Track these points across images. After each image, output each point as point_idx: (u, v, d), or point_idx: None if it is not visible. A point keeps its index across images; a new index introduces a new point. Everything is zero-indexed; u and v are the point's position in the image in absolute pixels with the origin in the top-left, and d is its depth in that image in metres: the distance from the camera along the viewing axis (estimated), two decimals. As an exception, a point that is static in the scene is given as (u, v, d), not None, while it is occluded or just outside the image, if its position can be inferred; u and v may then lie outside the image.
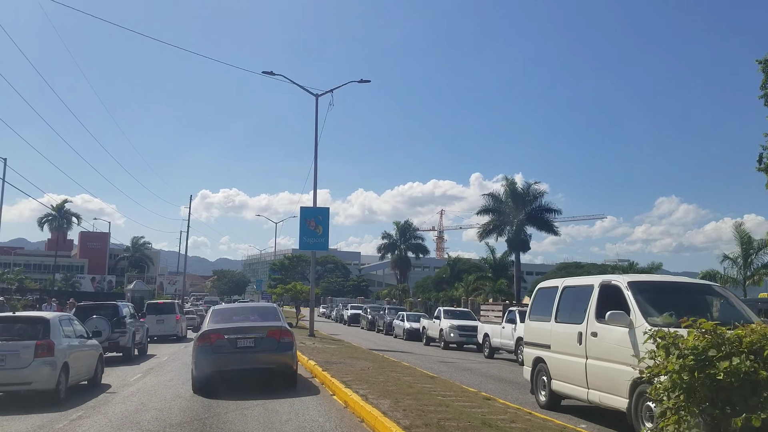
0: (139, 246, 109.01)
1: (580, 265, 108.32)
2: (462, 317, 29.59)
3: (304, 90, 29.19)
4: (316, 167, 28.87)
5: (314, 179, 28.87)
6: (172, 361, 19.92)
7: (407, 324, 35.07)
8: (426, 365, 18.33)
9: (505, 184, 50.29)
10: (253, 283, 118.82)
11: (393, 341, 33.44)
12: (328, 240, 28.95)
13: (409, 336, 34.28)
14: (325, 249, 29.00)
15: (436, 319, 29.81)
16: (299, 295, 40.08)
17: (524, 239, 49.87)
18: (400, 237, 74.63)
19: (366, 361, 16.99)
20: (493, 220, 50.60)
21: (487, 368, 19.40)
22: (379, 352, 22.74)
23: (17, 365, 10.86)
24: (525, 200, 49.83)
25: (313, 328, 28.97)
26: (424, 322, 31.95)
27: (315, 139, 28.75)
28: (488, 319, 24.88)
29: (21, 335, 11.40)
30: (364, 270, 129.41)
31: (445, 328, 28.28)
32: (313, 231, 28.63)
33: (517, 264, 50.38)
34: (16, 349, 10.98)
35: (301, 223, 28.72)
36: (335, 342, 25.96)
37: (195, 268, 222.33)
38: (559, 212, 49.49)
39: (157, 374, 16.23)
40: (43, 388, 11.06)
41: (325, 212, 29.21)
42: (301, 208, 29.01)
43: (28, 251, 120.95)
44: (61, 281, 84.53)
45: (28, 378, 10.94)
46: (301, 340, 25.07)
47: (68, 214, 66.54)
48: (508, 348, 22.58)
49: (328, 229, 28.98)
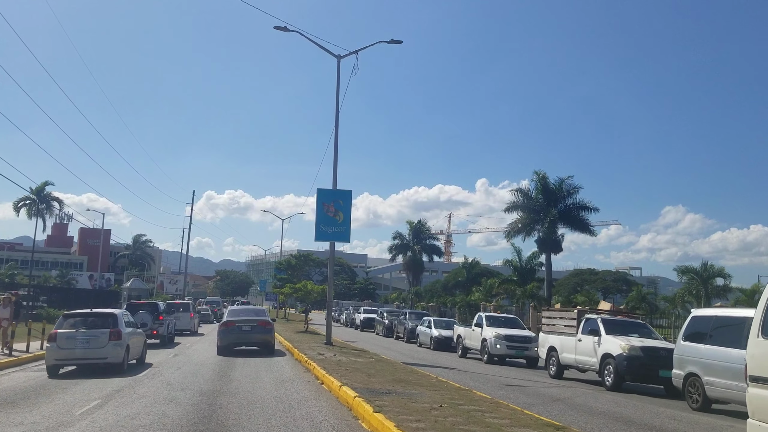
0: (140, 244, 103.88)
1: (594, 272, 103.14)
2: (509, 325, 24.21)
3: (325, 50, 24.03)
4: (337, 141, 23.66)
5: (334, 155, 23.62)
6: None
7: (435, 331, 29.69)
8: (495, 392, 13.07)
9: (536, 178, 45.03)
10: (256, 285, 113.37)
11: (419, 351, 28.07)
12: (349, 229, 23.67)
13: (438, 345, 28.96)
14: (347, 240, 23.77)
15: (477, 326, 24.44)
16: (309, 295, 34.68)
17: (556, 240, 44.58)
18: (413, 238, 69.23)
19: (423, 387, 11.64)
20: (522, 218, 45.28)
21: (584, 397, 13.99)
22: (417, 366, 17.48)
23: (98, 345, 14.80)
24: (557, 197, 44.56)
25: (330, 335, 23.59)
26: (459, 330, 26.57)
27: (336, 106, 23.62)
28: (553, 328, 19.48)
29: (99, 325, 15.21)
30: (370, 273, 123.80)
31: (489, 338, 22.93)
32: (332, 218, 23.36)
33: (548, 267, 45.00)
34: (96, 335, 14.88)
35: (318, 209, 23.45)
36: (359, 353, 20.60)
37: (198, 269, 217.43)
38: (596, 210, 44.14)
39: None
40: (114, 362, 15.00)
41: (346, 196, 23.87)
42: (319, 191, 23.69)
43: (26, 247, 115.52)
44: (56, 278, 79.12)
45: (105, 354, 14.85)
46: (319, 350, 19.79)
47: (49, 198, 59.04)
48: (587, 366, 17.18)
49: (350, 217, 23.69)
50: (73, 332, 14.92)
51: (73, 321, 15.48)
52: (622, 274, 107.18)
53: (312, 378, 14.25)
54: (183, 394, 11.59)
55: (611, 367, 15.79)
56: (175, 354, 21.16)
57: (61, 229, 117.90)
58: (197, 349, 23.43)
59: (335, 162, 23.70)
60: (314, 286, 35.16)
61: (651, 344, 15.89)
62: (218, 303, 74.48)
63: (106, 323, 15.29)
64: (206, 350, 22.93)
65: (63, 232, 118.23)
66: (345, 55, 24.09)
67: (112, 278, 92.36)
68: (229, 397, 11.20)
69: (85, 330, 15.02)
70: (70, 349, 14.73)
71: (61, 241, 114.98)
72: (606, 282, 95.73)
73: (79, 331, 14.96)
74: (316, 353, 18.80)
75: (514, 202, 45.33)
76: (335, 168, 23.64)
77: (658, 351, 15.55)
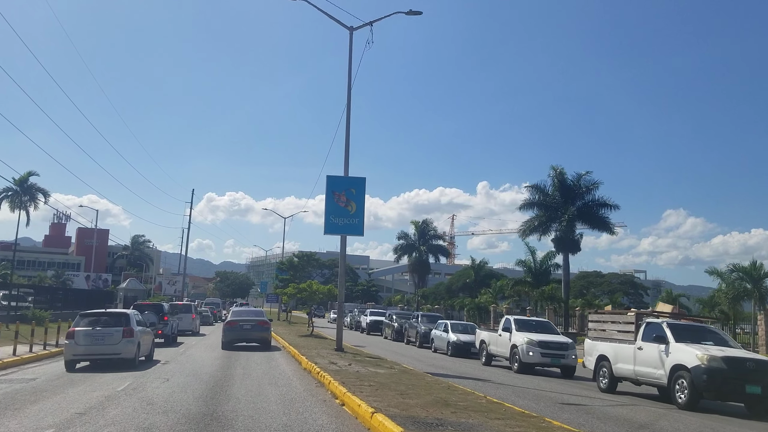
0: (139, 244, 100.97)
1: (600, 275, 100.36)
2: (540, 330, 21.34)
3: (336, 21, 21.22)
4: (349, 123, 20.89)
5: (346, 138, 20.83)
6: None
7: (453, 336, 26.86)
8: (558, 414, 10.36)
9: (553, 174, 42.17)
10: (256, 286, 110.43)
11: (437, 358, 25.24)
12: (363, 221, 20.84)
13: (457, 351, 26.15)
14: (360, 233, 20.87)
15: (505, 331, 21.59)
16: (314, 296, 31.82)
17: (574, 239, 41.72)
18: (418, 238, 66.33)
19: (477, 413, 8.78)
20: (538, 216, 42.43)
21: (665, 421, 11.15)
22: (447, 378, 14.72)
23: (112, 342, 15.92)
24: (575, 193, 41.75)
25: (342, 340, 20.72)
26: (483, 335, 23.70)
27: (348, 82, 20.90)
28: (603, 334, 16.64)
29: (113, 324, 16.30)
30: (372, 275, 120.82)
31: (520, 344, 20.10)
32: (343, 209, 20.56)
33: (566, 268, 42.15)
34: (111, 332, 16.01)
35: (327, 198, 20.63)
36: (377, 361, 17.76)
37: (199, 271, 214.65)
38: (616, 207, 41.27)
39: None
40: (126, 357, 16.09)
41: (360, 184, 21.02)
42: (329, 178, 20.85)
43: (24, 247, 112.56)
44: (51, 278, 76.21)
45: (118, 350, 15.97)
46: (330, 358, 16.99)
47: (33, 189, 54.14)
48: (652, 380, 14.35)
49: (364, 207, 20.87)
50: (90, 330, 15.91)
51: (89, 320, 16.39)
52: (629, 277, 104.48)
53: (328, 396, 11.44)
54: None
55: (685, 381, 12.97)
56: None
57: (59, 229, 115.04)
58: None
59: (347, 146, 20.91)
60: (320, 286, 32.33)
61: (734, 354, 13.07)
62: (218, 304, 72.00)
63: (120, 322, 16.28)
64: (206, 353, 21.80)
65: (61, 232, 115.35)
66: (358, 27, 21.36)
67: (110, 279, 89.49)
68: (223, 426, 8.40)
69: (100, 328, 15.99)
70: (86, 346, 15.72)
71: (58, 242, 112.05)
72: (612, 285, 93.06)
73: (95, 329, 15.94)
74: (328, 362, 15.99)
75: (530, 199, 42.52)
76: (347, 153, 20.87)
77: (743, 362, 12.75)
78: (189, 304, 37.25)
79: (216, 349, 23.15)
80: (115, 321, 16.33)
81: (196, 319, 35.39)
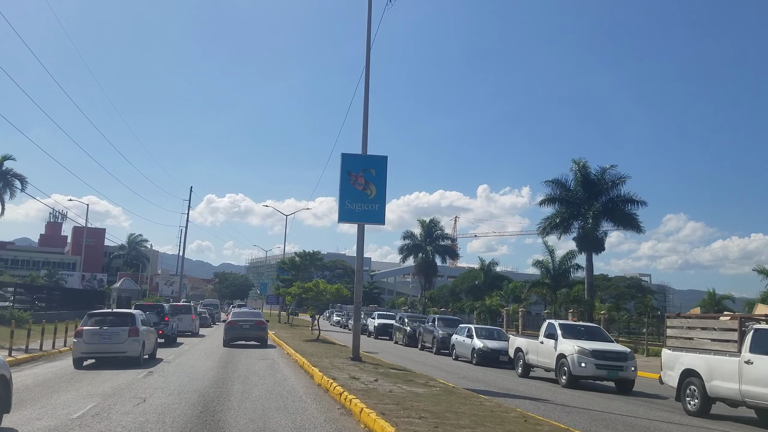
0: (136, 244, 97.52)
1: (607, 278, 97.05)
2: (590, 337, 17.98)
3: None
4: (367, 91, 17.55)
5: (364, 109, 17.53)
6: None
7: (479, 342, 23.55)
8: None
9: (575, 168, 38.84)
10: (256, 287, 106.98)
11: (462, 367, 21.93)
12: (384, 207, 17.51)
13: (484, 360, 22.89)
14: (380, 221, 17.55)
15: (548, 338, 18.27)
16: (321, 296, 28.48)
17: (599, 237, 38.40)
18: (425, 237, 62.96)
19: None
20: (560, 213, 39.11)
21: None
22: (496, 397, 11.54)
23: (118, 341, 16.22)
24: (600, 188, 38.45)
25: (359, 348, 17.36)
26: (520, 342, 20.35)
27: (367, 41, 17.57)
28: (690, 343, 13.32)
29: (119, 323, 16.55)
30: (374, 277, 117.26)
31: (570, 353, 16.80)
32: (360, 192, 17.27)
33: (590, 268, 38.81)
34: (117, 331, 16.28)
35: (342, 181, 17.34)
36: (405, 375, 14.39)
37: (198, 272, 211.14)
38: (644, 204, 37.97)
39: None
40: (132, 355, 16.45)
41: (380, 163, 17.68)
42: (344, 157, 17.53)
43: (18, 246, 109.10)
44: (43, 277, 72.69)
45: (124, 348, 16.31)
46: (349, 370, 13.73)
47: (8, 175, 47.67)
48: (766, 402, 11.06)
49: (385, 191, 17.54)
50: (97, 329, 16.24)
51: (96, 319, 16.72)
52: (636, 280, 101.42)
53: (355, 426, 8.13)
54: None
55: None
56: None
57: (55, 228, 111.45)
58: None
59: (365, 118, 17.60)
60: (327, 285, 28.92)
61: None
62: (216, 306, 68.89)
63: (126, 321, 16.60)
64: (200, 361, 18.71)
65: (57, 231, 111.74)
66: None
67: (105, 279, 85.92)
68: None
69: (107, 327, 16.33)
70: (94, 344, 16.05)
71: (54, 241, 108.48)
72: (620, 288, 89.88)
73: (102, 328, 16.29)
74: (348, 376, 12.68)
75: (551, 194, 39.18)
76: (365, 126, 17.56)
77: None
78: (189, 305, 37.11)
79: (210, 357, 20.13)
80: (122, 320, 16.69)
81: (195, 320, 35.18)
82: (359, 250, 17.88)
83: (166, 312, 26.44)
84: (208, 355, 20.74)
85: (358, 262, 17.98)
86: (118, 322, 16.55)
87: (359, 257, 17.97)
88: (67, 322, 24.08)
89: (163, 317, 25.41)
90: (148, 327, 18.35)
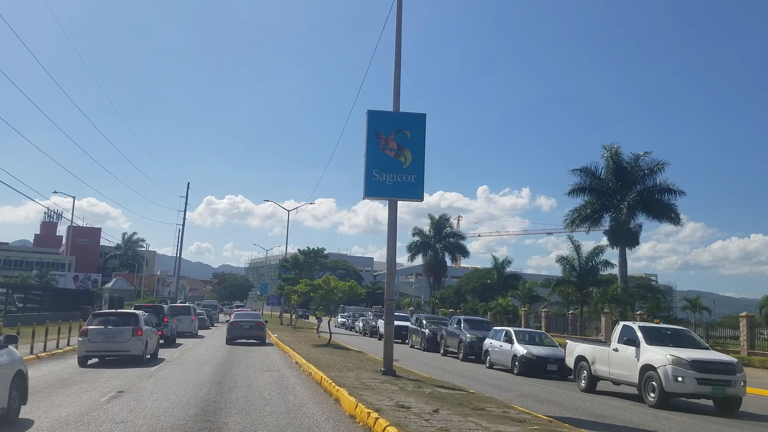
0: (132, 243, 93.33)
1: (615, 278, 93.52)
2: (681, 343, 14.09)
3: None
4: (399, 24, 13.65)
5: (396, 48, 13.62)
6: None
7: (521, 348, 19.66)
8: None
9: (607, 154, 35.00)
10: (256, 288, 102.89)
11: (507, 379, 18.06)
12: (423, 179, 13.61)
13: (528, 369, 19.07)
14: (418, 197, 13.62)
15: (627, 344, 14.36)
16: (332, 295, 24.55)
17: (633, 230, 34.58)
18: (434, 235, 59.03)
19: None
20: (590, 204, 35.27)
21: None
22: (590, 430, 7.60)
23: (122, 340, 16.48)
24: (634, 177, 34.64)
25: (392, 359, 13.40)
26: (583, 349, 16.35)
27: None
28: None
29: (123, 323, 16.90)
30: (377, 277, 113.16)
31: (661, 365, 12.92)
32: (392, 160, 13.42)
33: (623, 264, 35.02)
34: (122, 331, 16.60)
35: (368, 146, 13.46)
36: (463, 397, 10.46)
37: (197, 274, 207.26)
38: (682, 194, 34.16)
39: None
40: (136, 354, 16.75)
41: (417, 123, 13.76)
42: (370, 114, 13.60)
43: (11, 247, 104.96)
44: (33, 278, 68.64)
45: (128, 347, 16.59)
46: (390, 393, 9.85)
47: None
48: None
49: (423, 158, 13.65)
50: (102, 328, 16.58)
51: (101, 319, 17.15)
52: (646, 280, 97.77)
53: None
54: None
55: None
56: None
57: (50, 228, 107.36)
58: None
59: (397, 62, 13.69)
60: (339, 282, 24.93)
61: None
62: (214, 307, 65.19)
63: (129, 321, 16.99)
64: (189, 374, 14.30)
65: (52, 231, 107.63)
66: None
67: (99, 279, 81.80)
68: None
69: (111, 327, 16.67)
70: (99, 343, 16.39)
71: (49, 241, 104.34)
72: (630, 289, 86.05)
73: (107, 328, 16.63)
74: (394, 403, 8.78)
75: (579, 183, 35.34)
76: (397, 73, 13.67)
77: None
78: (188, 306, 36.89)
79: (203, 368, 16.45)
80: (125, 320, 17.01)
81: (194, 322, 34.96)
82: (391, 234, 13.91)
83: (165, 313, 26.12)
84: (201, 365, 17.11)
85: (389, 249, 13.97)
86: (122, 322, 16.89)
87: (391, 242, 13.97)
88: (48, 323, 20.81)
89: (162, 318, 25.05)
90: (151, 327, 18.57)
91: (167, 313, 26.60)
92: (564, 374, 19.08)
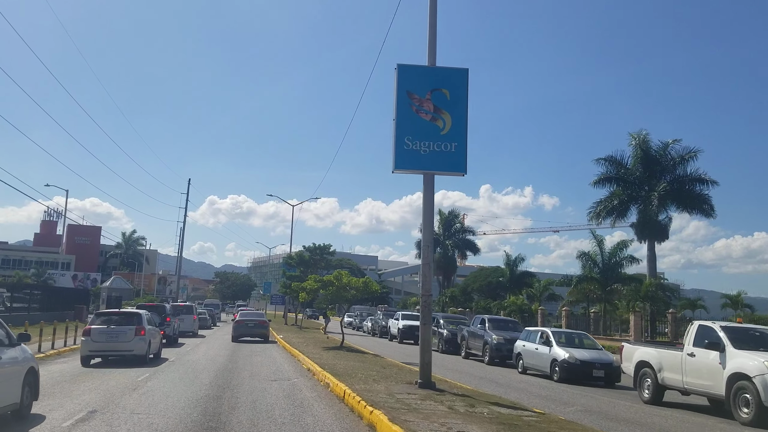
0: (132, 242, 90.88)
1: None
2: (765, 345, 11.65)
3: None
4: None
5: None
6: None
7: (562, 352, 17.21)
8: None
9: (635, 142, 32.48)
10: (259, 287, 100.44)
11: (545, 386, 15.62)
12: (465, 148, 11.13)
13: (570, 375, 16.69)
14: (461, 170, 11.11)
15: (707, 348, 11.86)
16: (344, 292, 22.08)
17: (662, 223, 32.08)
18: (443, 231, 56.57)
19: None
20: (616, 194, 32.78)
21: None
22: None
23: (125, 340, 16.32)
24: (663, 166, 32.13)
25: (430, 367, 10.88)
26: (646, 354, 13.79)
27: None
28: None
29: (126, 322, 16.69)
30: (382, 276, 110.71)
31: (758, 374, 10.46)
32: (428, 124, 11.01)
33: (652, 260, 32.53)
34: (125, 330, 16.42)
35: (399, 107, 11.03)
36: (521, 418, 7.98)
37: (200, 273, 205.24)
38: (715, 184, 31.62)
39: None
40: (138, 354, 16.46)
41: (458, 80, 11.23)
42: (401, 68, 11.12)
43: (10, 246, 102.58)
44: (30, 276, 66.26)
45: (131, 347, 16.38)
46: (436, 415, 7.07)
47: None
48: None
49: (466, 123, 11.18)
50: (105, 328, 16.40)
51: (104, 318, 17.03)
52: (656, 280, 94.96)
53: None
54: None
55: None
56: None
57: (50, 227, 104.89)
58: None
59: (432, 11, 11.22)
60: (352, 278, 22.45)
61: None
62: (217, 306, 63.01)
63: (132, 321, 16.77)
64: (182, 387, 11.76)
65: (51, 230, 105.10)
66: None
67: (99, 278, 79.28)
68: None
69: (114, 326, 16.47)
70: (102, 342, 16.19)
71: (49, 240, 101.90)
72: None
73: (110, 327, 16.43)
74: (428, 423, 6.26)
75: (605, 173, 32.83)
76: (433, 17, 11.18)
77: None
78: (190, 306, 36.56)
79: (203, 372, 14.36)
80: (128, 320, 16.82)
81: (196, 321, 34.59)
82: (427, 216, 11.43)
83: (167, 312, 25.71)
84: (198, 372, 14.84)
85: (425, 233, 11.46)
86: (125, 322, 16.73)
87: (427, 225, 11.45)
88: (42, 324, 19.24)
89: (164, 317, 24.55)
90: (153, 327, 18.38)
91: (170, 313, 26.17)
92: (611, 381, 16.67)
